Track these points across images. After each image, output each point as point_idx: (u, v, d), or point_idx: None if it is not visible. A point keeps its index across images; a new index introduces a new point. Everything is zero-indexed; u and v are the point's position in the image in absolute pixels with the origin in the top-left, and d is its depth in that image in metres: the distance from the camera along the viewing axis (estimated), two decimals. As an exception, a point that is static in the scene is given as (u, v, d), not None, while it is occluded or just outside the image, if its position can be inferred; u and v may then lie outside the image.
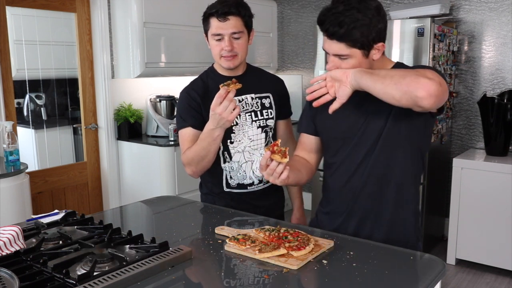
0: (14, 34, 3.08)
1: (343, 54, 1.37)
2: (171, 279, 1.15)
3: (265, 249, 1.26)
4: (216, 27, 1.68)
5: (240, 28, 1.70)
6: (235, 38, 1.70)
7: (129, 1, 3.25)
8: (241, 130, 1.78)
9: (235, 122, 1.77)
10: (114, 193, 3.56)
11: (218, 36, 1.69)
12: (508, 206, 3.00)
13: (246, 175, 1.81)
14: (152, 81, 3.68)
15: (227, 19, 1.67)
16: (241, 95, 1.77)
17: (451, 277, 3.12)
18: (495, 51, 3.48)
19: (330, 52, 1.40)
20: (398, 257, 1.35)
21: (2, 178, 2.47)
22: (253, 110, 1.80)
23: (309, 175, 1.61)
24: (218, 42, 1.71)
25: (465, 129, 3.68)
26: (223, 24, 1.67)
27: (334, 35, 1.34)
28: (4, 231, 1.27)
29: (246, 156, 1.80)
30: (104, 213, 2.03)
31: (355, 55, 1.37)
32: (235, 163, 1.80)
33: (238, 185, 1.82)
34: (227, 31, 1.68)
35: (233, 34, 1.69)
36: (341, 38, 1.34)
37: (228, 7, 1.66)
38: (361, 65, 1.38)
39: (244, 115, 1.79)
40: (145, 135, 3.62)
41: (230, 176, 1.81)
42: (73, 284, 1.06)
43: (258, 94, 1.82)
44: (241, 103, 1.78)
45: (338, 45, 1.36)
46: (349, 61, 1.38)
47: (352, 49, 1.35)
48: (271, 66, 4.43)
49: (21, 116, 3.30)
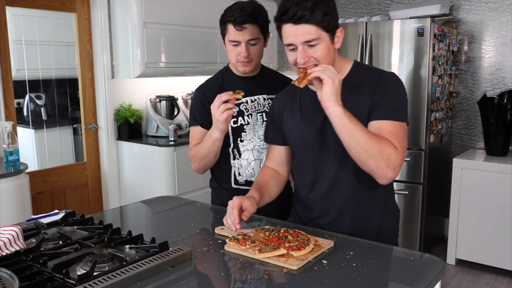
0: (14, 34, 3.08)
1: (313, 38, 1.35)
2: (171, 279, 1.15)
3: (265, 249, 1.26)
4: (233, 34, 1.72)
5: (257, 35, 1.74)
6: (252, 45, 1.74)
7: (129, 1, 3.25)
8: (252, 129, 1.83)
9: (247, 121, 1.82)
10: (114, 193, 3.56)
11: (235, 42, 1.74)
12: (508, 206, 3.00)
13: (254, 173, 1.85)
14: (152, 81, 3.68)
15: (244, 27, 1.70)
16: (254, 95, 1.83)
17: (451, 277, 3.12)
18: (495, 51, 3.48)
19: (298, 40, 1.36)
20: (398, 257, 1.35)
21: (2, 178, 2.47)
22: (264, 111, 1.84)
23: (280, 188, 1.67)
24: (234, 47, 1.75)
25: (465, 129, 3.68)
26: (240, 32, 1.71)
27: (302, 17, 1.33)
28: (4, 231, 1.27)
29: (255, 154, 1.85)
30: (104, 213, 2.03)
31: (324, 38, 1.36)
32: (244, 161, 1.85)
33: (246, 182, 1.86)
34: (244, 38, 1.72)
35: (249, 41, 1.73)
36: (309, 19, 1.33)
37: (246, 17, 1.69)
38: (329, 52, 1.39)
39: (255, 115, 1.84)
40: (145, 135, 3.61)
41: (238, 172, 1.85)
42: (73, 284, 1.06)
43: (270, 95, 1.86)
44: (253, 103, 1.84)
45: (307, 27, 1.34)
46: (318, 48, 1.37)
47: (320, 32, 1.35)
48: (271, 66, 4.42)
49: (21, 116, 3.30)
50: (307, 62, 1.38)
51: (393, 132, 1.37)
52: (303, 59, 1.37)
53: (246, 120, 1.82)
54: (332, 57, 1.42)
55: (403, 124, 1.41)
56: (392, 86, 1.42)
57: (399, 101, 1.42)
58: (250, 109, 1.83)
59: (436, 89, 3.26)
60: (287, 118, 1.59)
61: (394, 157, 1.33)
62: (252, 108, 1.83)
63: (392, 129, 1.37)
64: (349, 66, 1.50)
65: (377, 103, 1.40)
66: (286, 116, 1.59)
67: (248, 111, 1.83)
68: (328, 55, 1.39)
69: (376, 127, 1.39)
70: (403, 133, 1.40)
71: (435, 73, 3.22)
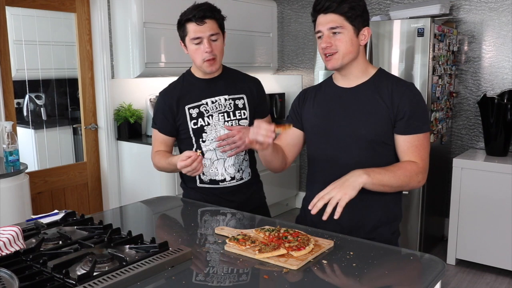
0: (14, 34, 3.08)
1: (337, 25, 1.49)
2: (171, 279, 1.15)
3: (265, 249, 1.26)
4: (194, 31, 1.79)
5: (217, 30, 1.81)
6: (213, 40, 1.80)
7: (129, 1, 3.25)
8: (213, 129, 1.88)
9: (207, 122, 1.88)
10: (114, 193, 3.56)
11: (197, 39, 1.79)
12: (508, 206, 3.00)
13: (218, 172, 1.90)
14: (152, 81, 3.68)
15: (204, 22, 1.77)
16: (215, 96, 1.89)
17: (451, 277, 3.12)
18: (495, 51, 3.48)
19: (324, 27, 1.51)
20: (398, 257, 1.35)
21: (2, 178, 2.46)
22: (225, 111, 1.89)
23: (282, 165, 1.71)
24: (197, 46, 1.81)
25: (465, 129, 3.68)
26: (201, 27, 1.78)
27: (330, 7, 1.50)
28: (4, 231, 1.27)
29: (218, 154, 1.90)
30: (104, 213, 2.02)
31: (347, 29, 1.50)
32: (208, 160, 1.90)
33: (210, 181, 1.91)
34: (205, 33, 1.78)
35: (211, 36, 1.79)
36: (336, 10, 1.49)
37: (204, 11, 1.78)
38: (352, 45, 1.51)
39: (217, 115, 1.88)
40: (145, 135, 3.61)
41: (202, 172, 1.88)
42: (73, 284, 1.06)
43: (231, 96, 1.91)
44: (214, 104, 1.89)
45: (333, 16, 1.50)
46: (341, 37, 1.50)
47: (344, 22, 1.50)
48: (271, 66, 4.43)
49: (21, 116, 3.30)
50: (328, 48, 1.52)
51: (419, 146, 1.52)
52: (325, 43, 1.52)
53: (206, 121, 1.87)
54: (355, 51, 1.53)
55: (427, 134, 1.54)
56: (418, 98, 1.54)
57: (424, 111, 1.55)
58: (211, 110, 1.88)
59: (436, 89, 3.26)
60: (309, 106, 1.67)
61: (421, 174, 1.50)
62: (212, 109, 1.88)
63: (418, 143, 1.51)
64: (374, 70, 1.61)
65: (402, 113, 1.51)
66: (309, 104, 1.68)
67: (208, 112, 1.88)
68: (350, 46, 1.51)
69: (405, 142, 1.52)
70: (427, 143, 1.54)
71: (435, 73, 3.22)
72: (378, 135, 1.53)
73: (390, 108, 1.51)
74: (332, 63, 1.54)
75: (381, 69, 1.62)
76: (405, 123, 1.51)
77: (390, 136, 1.54)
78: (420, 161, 1.51)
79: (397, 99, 1.51)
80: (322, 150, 1.62)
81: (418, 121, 1.51)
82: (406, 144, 1.52)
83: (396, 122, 1.52)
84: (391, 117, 1.51)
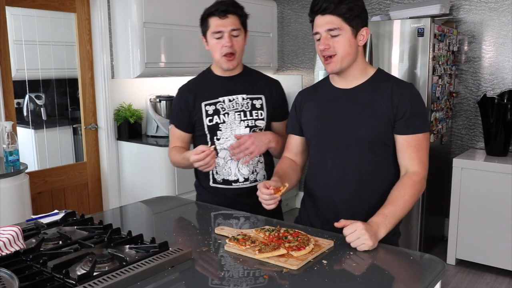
0: (14, 34, 3.08)
1: (334, 27, 1.48)
2: (171, 279, 1.15)
3: (265, 249, 1.26)
4: (216, 24, 1.78)
5: (238, 26, 1.80)
6: (234, 36, 1.79)
7: (129, 1, 3.24)
8: (228, 128, 1.86)
9: (222, 120, 1.85)
10: (114, 193, 3.56)
11: (218, 34, 1.78)
12: (508, 206, 3.00)
13: (231, 172, 1.87)
14: (152, 81, 3.68)
15: (226, 16, 1.76)
16: (232, 94, 1.87)
17: (451, 277, 3.11)
18: (495, 51, 3.48)
19: (322, 28, 1.50)
20: (398, 257, 1.35)
21: (2, 178, 2.46)
22: (242, 110, 1.87)
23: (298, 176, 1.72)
24: (218, 40, 1.79)
25: (465, 129, 3.68)
26: (223, 21, 1.77)
27: (327, 9, 1.48)
28: (4, 231, 1.27)
29: None
30: (104, 213, 2.02)
31: (346, 30, 1.49)
32: (221, 159, 1.87)
33: (224, 181, 1.88)
34: (227, 28, 1.77)
35: (232, 31, 1.78)
36: (333, 11, 1.47)
37: (227, 6, 1.78)
38: (350, 46, 1.50)
39: (233, 114, 1.86)
40: (145, 135, 3.61)
41: (216, 171, 1.88)
42: (73, 284, 1.06)
43: (250, 95, 1.88)
44: (231, 102, 1.87)
45: (331, 18, 1.48)
46: (340, 39, 1.49)
47: (343, 24, 1.48)
48: (271, 66, 4.43)
49: (21, 116, 3.30)
50: (326, 50, 1.50)
51: (418, 146, 1.51)
52: (323, 45, 1.50)
53: (221, 119, 1.85)
54: (353, 52, 1.52)
55: (426, 134, 1.53)
56: (418, 99, 1.54)
57: (423, 112, 1.54)
58: (227, 108, 1.86)
59: (436, 89, 3.26)
60: (307, 109, 1.66)
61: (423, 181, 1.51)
62: (229, 107, 1.85)
63: (417, 143, 1.51)
64: (373, 70, 1.60)
65: (402, 114, 1.50)
66: (307, 107, 1.67)
67: (224, 110, 1.86)
68: (349, 48, 1.50)
69: (404, 142, 1.52)
70: (426, 143, 1.54)
71: (435, 73, 3.22)
72: (378, 136, 1.52)
73: (390, 109, 1.51)
74: (331, 67, 1.53)
75: (380, 70, 1.61)
76: (405, 123, 1.50)
77: (390, 137, 1.53)
78: (420, 165, 1.50)
79: (397, 99, 1.50)
80: (322, 152, 1.62)
81: (417, 121, 1.51)
82: (405, 144, 1.51)
83: (396, 122, 1.51)
84: (391, 117, 1.51)
